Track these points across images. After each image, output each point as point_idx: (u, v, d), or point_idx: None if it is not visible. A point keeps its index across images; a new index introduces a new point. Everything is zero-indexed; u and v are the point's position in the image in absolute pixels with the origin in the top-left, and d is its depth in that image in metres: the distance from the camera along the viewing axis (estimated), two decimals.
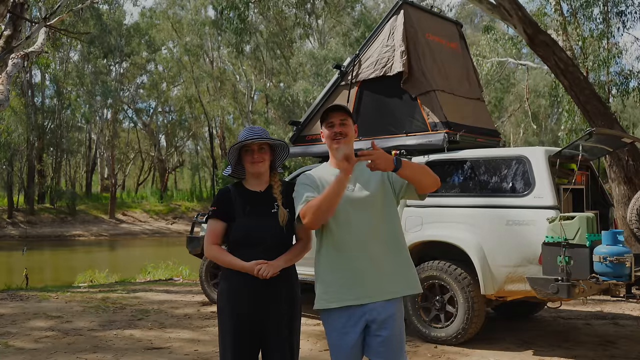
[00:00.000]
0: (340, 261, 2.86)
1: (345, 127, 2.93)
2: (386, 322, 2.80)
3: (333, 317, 2.86)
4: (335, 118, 2.94)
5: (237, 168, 3.12)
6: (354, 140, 2.99)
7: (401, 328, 2.88)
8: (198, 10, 39.01)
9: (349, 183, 2.85)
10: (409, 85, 6.52)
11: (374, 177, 2.92)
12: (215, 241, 3.03)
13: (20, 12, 10.48)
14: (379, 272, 2.83)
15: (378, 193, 2.89)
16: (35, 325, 6.60)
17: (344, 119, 2.94)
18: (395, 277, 2.87)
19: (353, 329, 2.82)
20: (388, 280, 2.84)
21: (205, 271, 7.73)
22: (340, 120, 2.93)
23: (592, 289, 4.90)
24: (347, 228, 2.85)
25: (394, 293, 2.85)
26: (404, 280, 2.90)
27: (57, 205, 35.54)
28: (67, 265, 19.58)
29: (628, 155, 9.12)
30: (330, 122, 2.95)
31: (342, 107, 2.99)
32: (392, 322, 2.82)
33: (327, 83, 7.95)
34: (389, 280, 2.85)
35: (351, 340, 2.82)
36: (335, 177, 2.73)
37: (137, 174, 50.44)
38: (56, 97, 36.45)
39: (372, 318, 2.81)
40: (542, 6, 16.38)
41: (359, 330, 2.81)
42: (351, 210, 2.86)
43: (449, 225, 5.65)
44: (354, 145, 3.02)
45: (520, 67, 33.42)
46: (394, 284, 2.86)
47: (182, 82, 43.80)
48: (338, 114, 2.95)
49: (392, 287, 2.85)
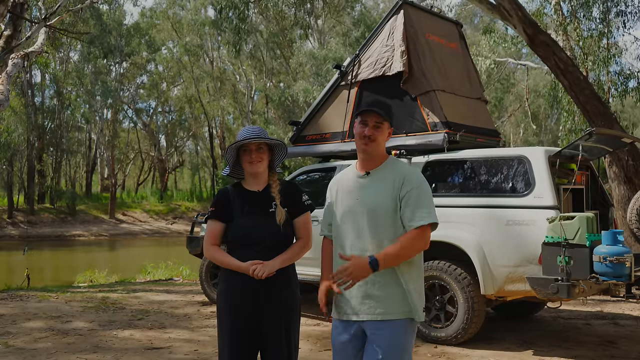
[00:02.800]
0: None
1: (378, 130, 2.77)
2: (377, 339, 2.69)
3: (334, 321, 2.88)
4: (371, 119, 2.77)
5: (236, 168, 3.13)
6: (385, 142, 2.84)
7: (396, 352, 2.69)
8: (198, 10, 39.01)
9: (358, 194, 2.81)
10: (409, 85, 6.52)
11: (380, 191, 2.77)
12: (214, 242, 3.05)
13: (20, 12, 10.49)
14: (368, 292, 2.72)
15: (382, 210, 2.75)
16: (35, 325, 6.59)
17: (380, 122, 2.77)
18: (382, 299, 2.71)
19: (345, 332, 2.81)
20: (375, 301, 2.71)
21: (205, 271, 7.72)
22: (375, 122, 2.77)
23: (592, 289, 4.90)
24: (344, 244, 2.80)
25: (380, 315, 2.70)
26: (389, 304, 2.71)
27: (57, 205, 35.54)
28: (67, 265, 19.58)
29: (628, 155, 9.12)
30: (364, 120, 2.79)
31: (380, 108, 2.79)
32: (382, 342, 2.67)
33: (327, 83, 7.95)
34: (375, 302, 2.71)
35: (344, 340, 2.80)
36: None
37: (137, 174, 50.45)
38: (56, 97, 36.47)
39: (365, 327, 2.75)
40: (541, 6, 16.38)
41: (351, 333, 2.78)
42: (350, 225, 2.80)
43: (449, 225, 5.64)
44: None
45: (520, 67, 33.44)
46: (381, 306, 2.71)
47: (182, 82, 43.81)
48: (375, 115, 2.77)
49: (378, 309, 2.71)
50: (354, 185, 2.85)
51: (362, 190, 2.80)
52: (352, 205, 2.80)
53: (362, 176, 2.84)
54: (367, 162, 2.84)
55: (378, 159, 2.84)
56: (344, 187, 2.88)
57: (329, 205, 2.93)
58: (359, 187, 2.82)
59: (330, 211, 2.92)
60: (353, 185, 2.85)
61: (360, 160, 2.88)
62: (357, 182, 2.85)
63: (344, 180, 2.91)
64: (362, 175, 2.84)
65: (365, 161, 2.85)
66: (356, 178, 2.86)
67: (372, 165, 2.84)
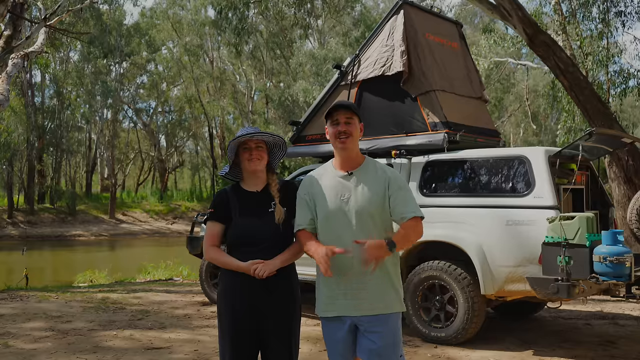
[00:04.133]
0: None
1: (350, 126, 2.88)
2: (372, 331, 2.82)
3: (324, 322, 2.95)
4: (341, 116, 2.88)
5: (234, 170, 3.13)
6: (358, 139, 2.95)
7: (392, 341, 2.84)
8: (198, 10, 38.95)
9: (344, 193, 2.86)
10: (409, 85, 6.51)
11: (372, 191, 2.86)
12: (213, 243, 3.05)
13: (20, 12, 10.49)
14: (360, 287, 2.82)
15: (374, 209, 2.85)
16: (35, 325, 6.59)
17: (350, 117, 2.89)
18: (376, 294, 2.83)
19: (340, 328, 2.87)
20: (369, 296, 2.82)
21: (205, 271, 7.73)
22: (345, 118, 2.88)
23: (592, 289, 4.90)
24: (334, 243, 2.82)
25: (373, 310, 2.82)
26: (382, 299, 2.84)
27: (57, 205, 35.53)
28: (67, 265, 19.59)
29: (628, 155, 9.12)
30: (335, 119, 2.89)
31: (348, 105, 2.93)
32: (378, 335, 2.81)
33: (327, 83, 7.95)
34: (370, 296, 2.82)
35: (339, 337, 2.88)
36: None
37: (137, 174, 50.41)
38: (56, 97, 36.46)
39: (358, 321, 2.85)
40: (540, 6, 16.39)
41: (346, 328, 2.86)
42: (342, 221, 2.85)
43: (449, 225, 5.65)
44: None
45: (520, 67, 33.42)
46: (375, 300, 2.83)
47: (182, 82, 43.78)
48: (344, 111, 2.89)
49: (373, 303, 2.82)
50: (338, 184, 2.90)
51: (349, 190, 2.87)
52: (339, 204, 2.86)
53: (345, 176, 2.90)
54: (347, 161, 2.92)
55: (356, 157, 2.94)
56: (324, 186, 2.92)
57: (306, 203, 2.93)
58: (343, 186, 2.88)
59: (308, 208, 2.93)
60: (336, 184, 2.90)
61: (339, 160, 2.94)
62: (340, 182, 2.90)
63: (324, 179, 2.95)
64: (345, 175, 2.90)
65: (345, 160, 2.93)
66: (338, 178, 2.91)
67: (352, 165, 2.92)
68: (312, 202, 2.92)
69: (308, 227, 2.93)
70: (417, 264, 5.82)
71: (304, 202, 2.95)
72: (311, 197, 2.93)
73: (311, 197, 2.93)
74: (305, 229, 2.93)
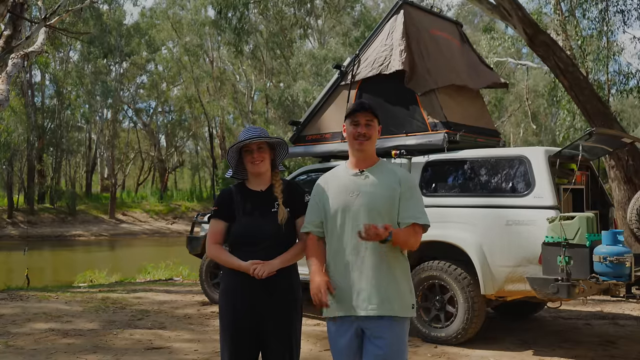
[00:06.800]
0: (335, 272, 2.85)
1: (370, 128, 2.88)
2: (378, 336, 2.78)
3: (329, 323, 2.91)
4: (362, 117, 2.87)
5: (239, 169, 3.14)
6: (375, 142, 2.95)
7: (398, 348, 2.80)
8: (198, 10, 38.94)
9: (354, 190, 2.85)
10: (412, 83, 6.47)
11: (382, 189, 2.85)
12: (216, 240, 3.06)
13: (20, 12, 10.48)
14: (368, 287, 2.79)
15: (382, 207, 2.83)
16: (35, 326, 6.60)
17: (370, 119, 2.89)
18: (383, 296, 2.79)
19: (346, 333, 2.83)
20: (376, 296, 2.78)
21: (206, 271, 7.72)
22: (366, 120, 2.88)
23: (592, 289, 4.90)
24: (342, 240, 2.82)
25: (381, 310, 2.78)
26: (389, 302, 2.80)
27: (57, 205, 35.52)
28: (67, 265, 19.58)
29: (628, 155, 9.12)
30: (355, 120, 2.89)
31: (370, 107, 2.91)
32: (384, 341, 2.76)
33: (327, 83, 7.94)
34: (376, 297, 2.78)
35: (345, 341, 2.83)
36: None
37: (137, 174, 50.40)
38: (56, 97, 36.42)
39: (364, 325, 2.80)
40: (539, 6, 16.37)
41: (352, 332, 2.82)
42: (348, 221, 2.83)
43: (449, 225, 5.64)
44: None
45: (520, 67, 33.41)
46: (381, 302, 2.79)
47: (182, 82, 43.77)
48: (365, 113, 2.88)
49: (380, 305, 2.78)
50: (349, 182, 2.89)
51: (360, 187, 2.86)
52: (348, 201, 2.84)
53: (358, 174, 2.89)
54: (361, 161, 2.92)
55: (371, 158, 2.94)
56: (335, 185, 2.91)
57: (316, 203, 2.94)
58: (355, 184, 2.87)
59: (317, 209, 2.93)
60: (348, 182, 2.89)
61: (354, 160, 2.94)
62: (352, 180, 2.89)
63: (335, 179, 2.95)
64: (358, 173, 2.89)
65: (360, 160, 2.92)
66: (350, 176, 2.91)
67: (366, 164, 2.92)
68: (322, 203, 2.92)
69: (314, 230, 2.93)
70: (417, 264, 5.82)
71: (313, 203, 2.96)
72: (320, 198, 2.93)
73: (320, 198, 2.93)
74: (311, 232, 2.93)
